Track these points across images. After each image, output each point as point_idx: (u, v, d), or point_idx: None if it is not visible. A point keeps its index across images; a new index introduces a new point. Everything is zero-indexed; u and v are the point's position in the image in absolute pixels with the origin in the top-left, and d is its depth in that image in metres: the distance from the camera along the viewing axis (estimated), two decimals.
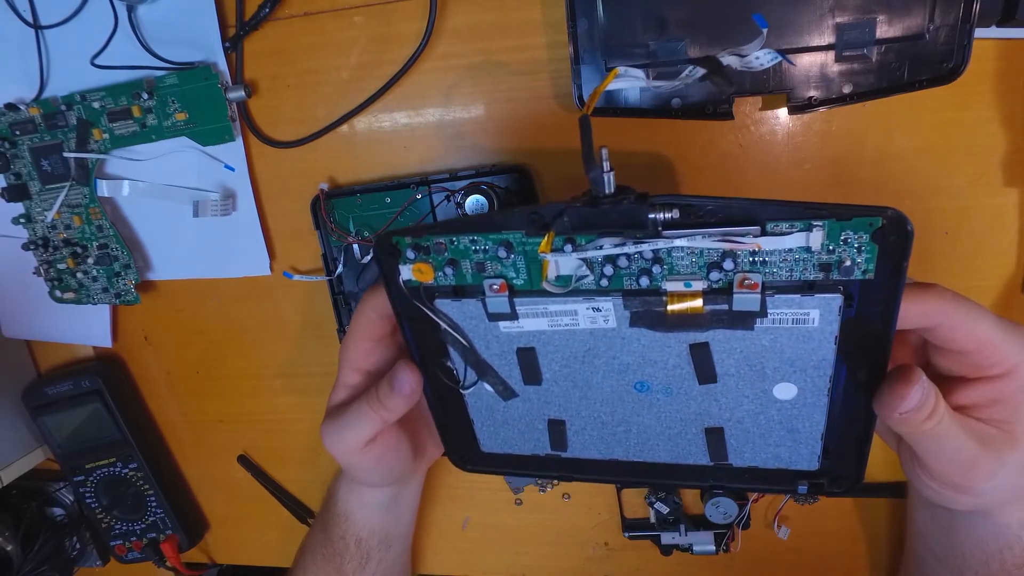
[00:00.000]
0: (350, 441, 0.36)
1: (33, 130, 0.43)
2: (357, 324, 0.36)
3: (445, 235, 0.29)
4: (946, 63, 0.32)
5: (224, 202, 0.43)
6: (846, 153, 0.37)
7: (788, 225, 0.25)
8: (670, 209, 0.25)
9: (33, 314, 0.50)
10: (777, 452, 0.32)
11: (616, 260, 0.27)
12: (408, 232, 0.29)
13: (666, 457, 0.33)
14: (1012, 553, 0.34)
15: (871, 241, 0.25)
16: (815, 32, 0.32)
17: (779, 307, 0.26)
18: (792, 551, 0.47)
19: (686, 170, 0.39)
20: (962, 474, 0.30)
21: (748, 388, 0.29)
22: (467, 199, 0.40)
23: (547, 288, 0.28)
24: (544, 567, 0.51)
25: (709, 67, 0.29)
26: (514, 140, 0.40)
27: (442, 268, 0.29)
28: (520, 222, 0.27)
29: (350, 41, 0.40)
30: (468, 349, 0.32)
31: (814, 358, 0.28)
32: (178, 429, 0.53)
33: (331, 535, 0.43)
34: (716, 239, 0.25)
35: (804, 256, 0.25)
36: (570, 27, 0.34)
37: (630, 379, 0.31)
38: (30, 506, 0.54)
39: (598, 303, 0.28)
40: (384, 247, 0.30)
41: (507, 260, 0.28)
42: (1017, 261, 0.38)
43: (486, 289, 0.29)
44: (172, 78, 0.40)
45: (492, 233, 0.28)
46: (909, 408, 0.27)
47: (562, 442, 0.34)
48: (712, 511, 0.45)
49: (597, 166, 0.25)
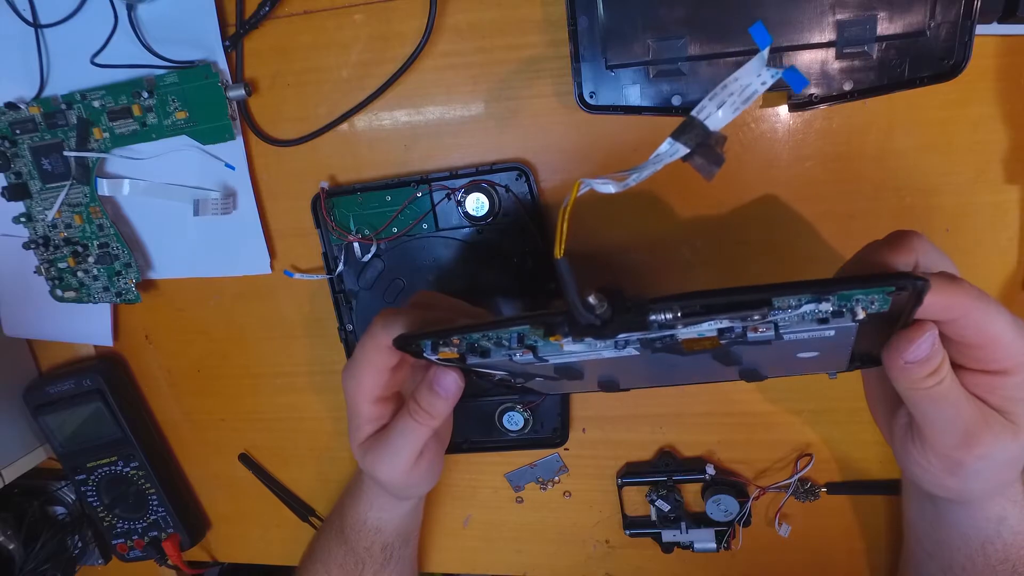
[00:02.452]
0: (403, 463, 0.35)
1: (33, 129, 0.43)
2: (371, 354, 0.33)
3: (458, 333, 0.29)
4: (947, 60, 0.32)
5: (225, 201, 0.43)
6: (847, 150, 0.37)
7: (795, 300, 0.24)
8: (670, 310, 0.24)
9: (34, 313, 0.50)
10: (808, 370, 0.33)
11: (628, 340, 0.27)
12: (423, 337, 0.30)
13: (706, 380, 0.35)
14: (994, 548, 0.34)
15: (885, 296, 0.25)
16: (816, 29, 0.32)
17: (793, 334, 0.26)
18: (793, 548, 0.47)
19: (686, 169, 0.39)
20: (957, 445, 0.30)
21: (773, 356, 0.30)
22: (468, 197, 0.40)
23: (567, 349, 0.28)
24: (545, 565, 0.52)
25: (691, 143, 0.24)
26: (514, 138, 0.40)
27: (464, 351, 0.30)
28: (526, 323, 0.27)
29: (350, 39, 0.40)
30: (509, 376, 0.32)
31: (835, 348, 0.29)
32: (179, 428, 0.53)
33: (354, 547, 0.43)
34: (725, 321, 0.24)
35: (814, 310, 0.25)
36: (570, 25, 0.34)
37: (662, 366, 0.31)
38: (32, 505, 0.54)
39: (618, 353, 0.28)
40: (403, 343, 0.30)
41: (520, 347, 0.29)
42: (1018, 258, 0.38)
43: (510, 354, 0.29)
44: (172, 77, 0.40)
45: (502, 330, 0.28)
46: (917, 357, 0.27)
47: (615, 385, 0.35)
48: (713, 508, 0.45)
49: (587, 313, 0.24)
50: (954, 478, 0.31)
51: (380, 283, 0.43)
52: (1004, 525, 0.34)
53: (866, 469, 0.44)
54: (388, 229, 0.42)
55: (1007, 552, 0.34)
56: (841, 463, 0.44)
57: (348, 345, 0.45)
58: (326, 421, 0.50)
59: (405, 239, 0.42)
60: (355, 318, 0.44)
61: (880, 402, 0.35)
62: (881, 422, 0.35)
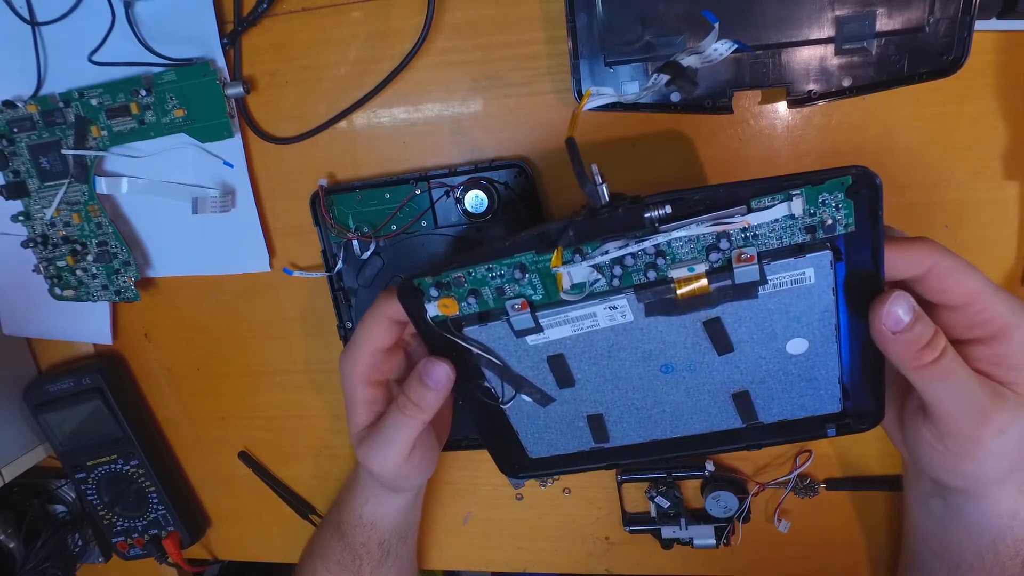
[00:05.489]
0: (395, 456, 0.36)
1: (31, 127, 0.43)
2: (368, 333, 0.35)
3: (462, 268, 0.31)
4: (946, 56, 0.32)
5: (223, 199, 0.43)
6: (846, 147, 0.37)
7: (770, 199, 0.27)
8: (662, 206, 0.28)
9: (33, 312, 0.49)
10: (802, 402, 0.34)
11: (623, 260, 0.29)
12: (427, 272, 0.31)
13: (701, 428, 0.35)
14: (1005, 544, 0.34)
15: (846, 198, 0.27)
16: (815, 25, 0.32)
17: (777, 272, 0.29)
18: (792, 544, 0.47)
19: (686, 165, 0.39)
20: (972, 424, 0.29)
21: (764, 350, 0.32)
22: (466, 194, 0.40)
23: (565, 298, 0.30)
24: (545, 561, 0.52)
25: (670, 72, 0.31)
26: (513, 135, 0.40)
27: (465, 299, 0.31)
28: (529, 244, 0.29)
29: (349, 37, 0.40)
30: (502, 367, 0.33)
31: (817, 310, 0.30)
32: (179, 426, 0.53)
33: (351, 543, 0.43)
34: (709, 224, 0.27)
35: (790, 223, 0.28)
36: (569, 22, 0.34)
37: (655, 364, 0.33)
38: (32, 503, 0.54)
39: (613, 302, 0.30)
40: (407, 290, 0.32)
41: (523, 280, 0.30)
42: (1017, 254, 0.38)
43: (509, 310, 0.31)
44: (170, 75, 0.40)
45: (505, 259, 0.30)
46: (898, 321, 0.28)
47: (603, 434, 0.36)
48: (712, 505, 0.45)
49: (590, 182, 0.28)
50: (971, 461, 0.31)
51: (379, 281, 0.43)
52: (1016, 519, 0.33)
53: (865, 465, 0.44)
54: (387, 227, 0.42)
55: (1018, 547, 0.34)
56: (840, 459, 0.45)
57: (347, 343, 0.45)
58: (326, 419, 0.50)
59: (404, 237, 0.42)
60: (354, 316, 0.44)
61: (888, 399, 0.35)
62: (889, 419, 0.35)
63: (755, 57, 0.33)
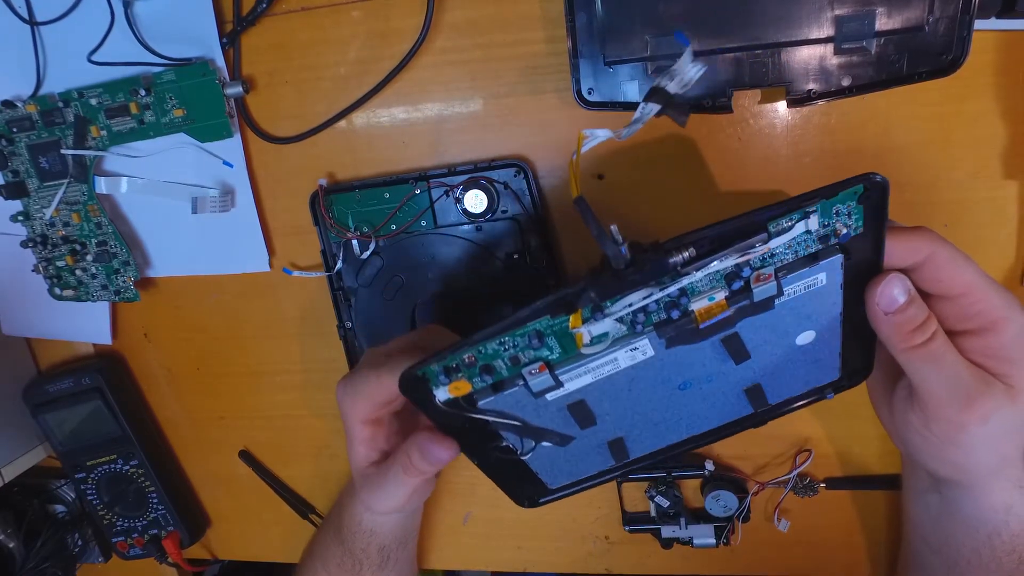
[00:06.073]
0: (396, 502, 0.37)
1: (31, 127, 0.43)
2: (370, 392, 0.34)
3: (471, 348, 0.28)
4: (946, 55, 0.32)
5: (223, 198, 0.43)
6: (845, 146, 0.37)
7: (787, 220, 0.27)
8: (685, 248, 0.26)
9: (33, 312, 0.49)
10: (807, 380, 0.35)
11: (646, 307, 0.28)
12: (433, 360, 0.29)
13: (715, 423, 0.36)
14: (1000, 540, 0.34)
15: (857, 204, 0.27)
16: (814, 25, 0.32)
17: (792, 283, 0.29)
18: (792, 544, 0.47)
19: (686, 164, 0.39)
20: (957, 408, 0.30)
21: (776, 348, 0.32)
22: (466, 194, 0.40)
23: (585, 352, 0.29)
24: (545, 561, 0.52)
25: (660, 102, 0.29)
26: (513, 135, 0.40)
27: (478, 375, 0.29)
28: (546, 310, 0.27)
29: (348, 36, 0.40)
30: (520, 427, 0.32)
31: (826, 306, 0.30)
32: (179, 426, 0.53)
33: (351, 548, 0.43)
34: (733, 258, 0.27)
35: (805, 237, 0.28)
36: (569, 21, 0.34)
37: (673, 385, 0.32)
38: (32, 503, 0.54)
39: (634, 343, 0.29)
40: (411, 382, 0.29)
41: (540, 347, 0.29)
42: (1017, 253, 0.38)
43: (526, 375, 0.29)
44: (170, 74, 0.40)
45: (519, 329, 0.28)
46: (893, 301, 0.28)
47: (624, 453, 0.36)
48: (712, 504, 0.45)
49: (611, 242, 0.25)
50: (957, 449, 0.31)
51: (379, 280, 0.43)
52: (1011, 514, 0.34)
53: (865, 464, 0.44)
54: (387, 226, 0.42)
55: (1014, 543, 0.34)
56: (840, 458, 0.45)
57: (347, 342, 0.45)
58: (326, 418, 0.50)
59: (404, 236, 0.42)
60: (354, 315, 0.44)
61: (880, 383, 0.35)
62: (880, 403, 0.36)
63: (755, 56, 0.33)
